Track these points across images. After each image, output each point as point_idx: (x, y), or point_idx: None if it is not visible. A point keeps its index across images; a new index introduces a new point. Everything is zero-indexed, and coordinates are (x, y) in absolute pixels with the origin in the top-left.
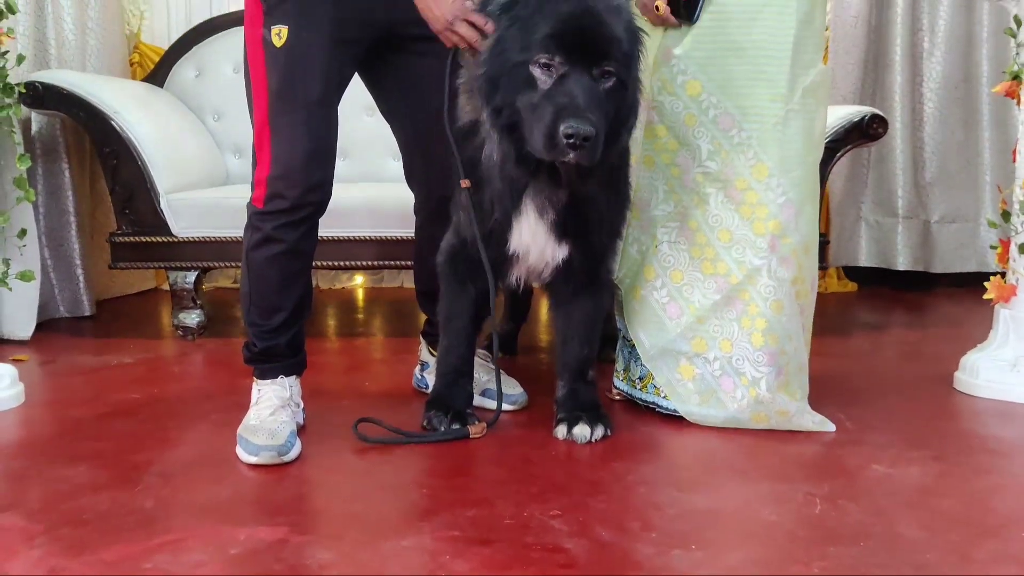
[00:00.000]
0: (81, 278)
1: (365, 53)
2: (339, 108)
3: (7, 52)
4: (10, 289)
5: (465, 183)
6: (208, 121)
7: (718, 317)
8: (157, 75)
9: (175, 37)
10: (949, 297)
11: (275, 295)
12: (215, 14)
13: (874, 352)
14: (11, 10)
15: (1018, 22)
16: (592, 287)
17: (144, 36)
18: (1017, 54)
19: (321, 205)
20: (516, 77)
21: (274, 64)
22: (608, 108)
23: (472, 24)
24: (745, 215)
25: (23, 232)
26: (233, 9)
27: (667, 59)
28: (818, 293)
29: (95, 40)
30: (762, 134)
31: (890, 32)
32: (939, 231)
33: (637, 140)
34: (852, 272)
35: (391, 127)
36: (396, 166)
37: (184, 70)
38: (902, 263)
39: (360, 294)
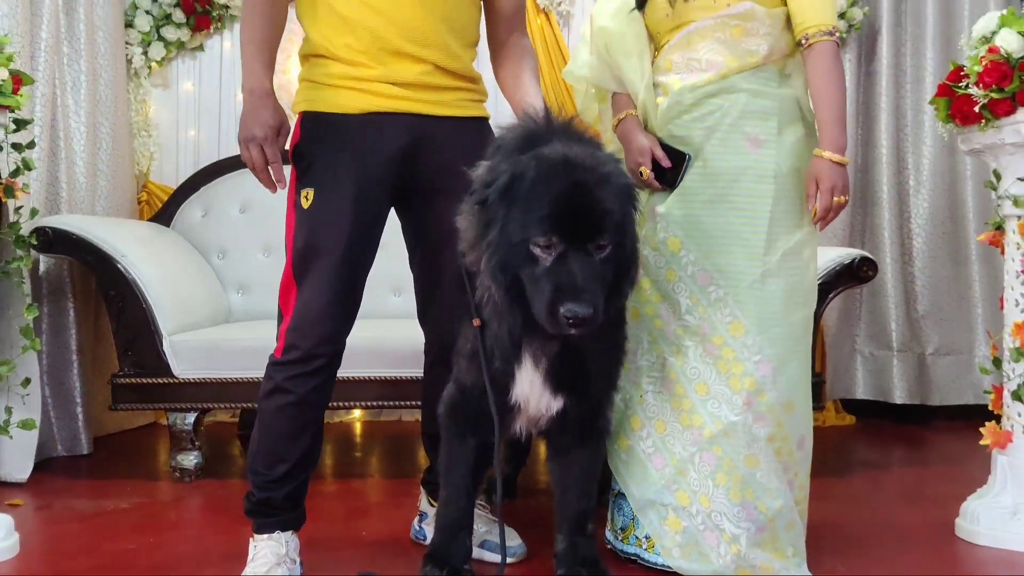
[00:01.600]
0: (80, 416)
1: (391, 202)
2: None
3: (21, 207)
4: (11, 437)
5: (477, 322)
6: (213, 259)
7: (696, 470)
8: (164, 214)
9: (183, 176)
10: (948, 430)
11: (280, 445)
12: (222, 156)
13: (873, 494)
14: (28, 167)
15: (997, 176)
16: (590, 438)
17: (153, 175)
18: (999, 206)
19: (335, 357)
20: (519, 254)
21: (301, 225)
22: (607, 273)
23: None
24: (722, 370)
25: (27, 381)
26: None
27: (652, 216)
28: (817, 426)
29: (105, 182)
30: (737, 292)
31: (877, 171)
32: (934, 364)
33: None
34: (850, 404)
35: (410, 266)
36: (397, 302)
37: (191, 210)
38: (899, 396)
39: (358, 428)
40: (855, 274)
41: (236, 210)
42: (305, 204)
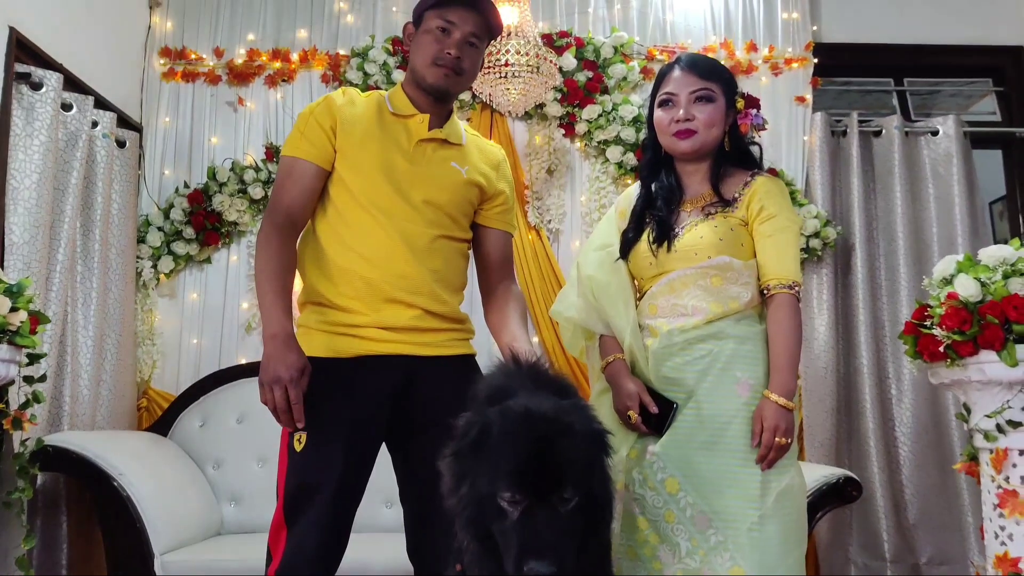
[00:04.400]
0: None
1: (382, 439)
2: None
3: (27, 439)
4: None
5: (459, 567)
6: (208, 470)
7: None
8: (163, 423)
9: (184, 382)
10: None
11: None
12: (223, 363)
13: None
14: (37, 400)
15: (968, 410)
16: None
17: (154, 382)
18: (972, 437)
19: None
20: (489, 507)
21: (293, 467)
22: (576, 523)
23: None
24: None
25: None
26: (241, 362)
27: (648, 456)
28: None
29: (107, 391)
30: (737, 537)
31: (859, 381)
32: (929, 573)
33: (616, 532)
34: None
35: (400, 500)
36: (388, 514)
37: (190, 419)
38: None
39: None
40: (840, 493)
41: (234, 420)
42: (298, 447)
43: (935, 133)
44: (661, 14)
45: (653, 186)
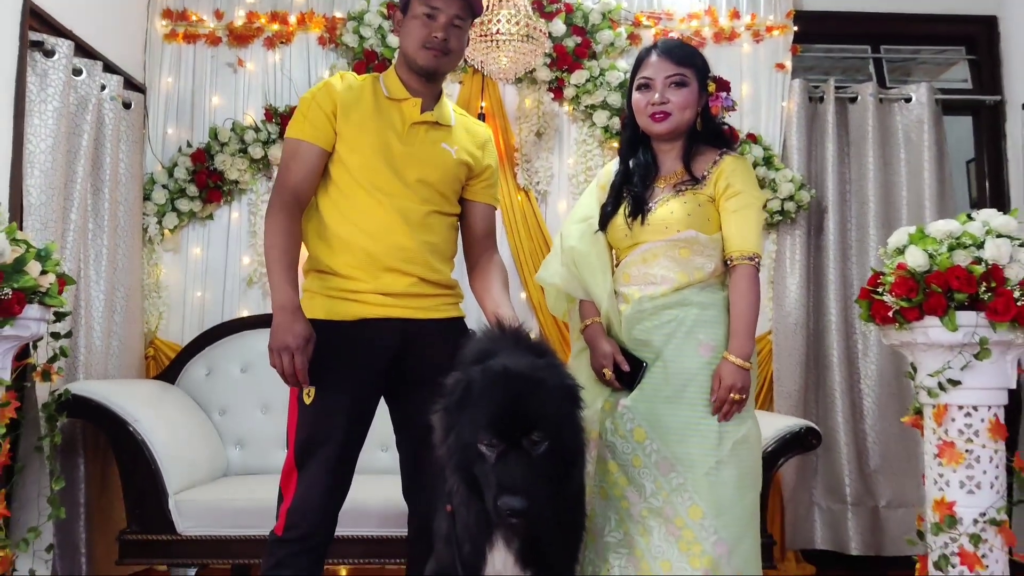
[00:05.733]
0: (84, 566)
1: (381, 394)
2: None
3: (56, 391)
4: None
5: (449, 508)
6: (214, 416)
7: None
8: (171, 371)
9: (188, 333)
10: None
11: None
12: (225, 316)
13: None
14: (64, 354)
15: (914, 369)
16: None
17: (160, 333)
18: (917, 393)
19: (329, 535)
20: (472, 453)
21: (303, 419)
22: (547, 467)
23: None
24: (683, 549)
25: (50, 547)
26: (243, 315)
27: (619, 408)
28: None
29: (117, 342)
30: (696, 480)
31: (828, 337)
32: (887, 516)
33: (590, 474)
34: (810, 555)
35: (397, 447)
36: (384, 457)
37: (196, 368)
38: (854, 548)
39: (343, 574)
40: (802, 442)
41: (238, 369)
42: (307, 400)
43: (908, 100)
44: None
45: (631, 163)
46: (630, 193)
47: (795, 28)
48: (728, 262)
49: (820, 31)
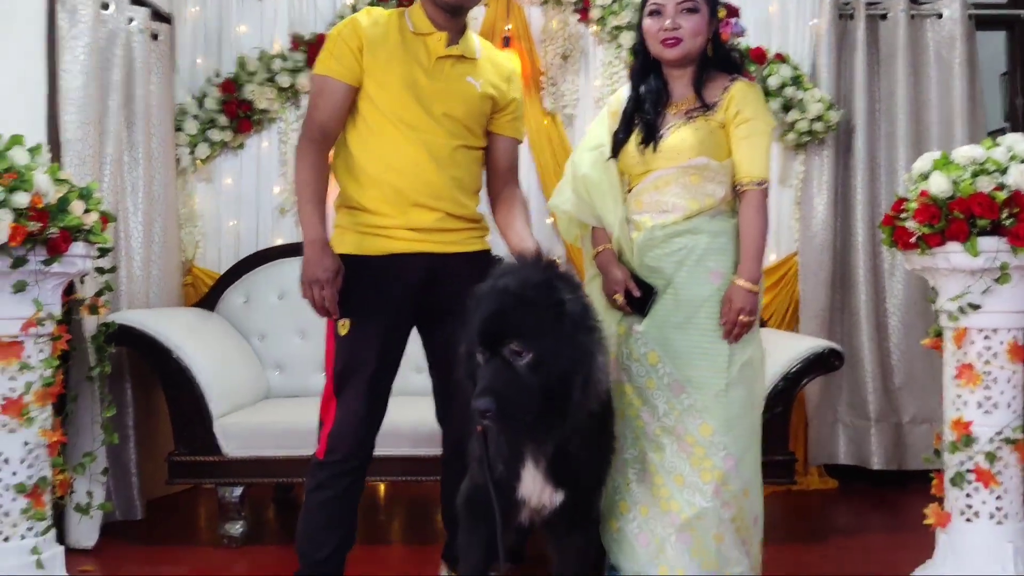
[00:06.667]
0: (136, 486)
1: (412, 324)
2: None
3: (103, 323)
4: (91, 517)
5: (480, 428)
6: (253, 341)
7: (672, 548)
8: (209, 299)
9: (225, 261)
10: (923, 493)
11: (324, 532)
12: (260, 244)
13: (840, 560)
14: (110, 288)
15: (936, 293)
16: (583, 525)
17: (197, 261)
18: (938, 317)
19: (367, 458)
20: (471, 363)
21: (340, 349)
22: (531, 380)
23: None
24: (695, 464)
25: (106, 471)
26: (278, 243)
27: (633, 333)
28: (801, 490)
29: (157, 271)
30: (706, 400)
31: (854, 257)
32: (910, 432)
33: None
34: (833, 469)
35: (429, 373)
36: (418, 379)
37: (234, 296)
38: (876, 463)
39: (382, 489)
40: (824, 363)
41: (275, 297)
42: (343, 331)
43: (939, 16)
44: None
45: (642, 89)
46: (642, 120)
47: None
48: (737, 187)
49: None
